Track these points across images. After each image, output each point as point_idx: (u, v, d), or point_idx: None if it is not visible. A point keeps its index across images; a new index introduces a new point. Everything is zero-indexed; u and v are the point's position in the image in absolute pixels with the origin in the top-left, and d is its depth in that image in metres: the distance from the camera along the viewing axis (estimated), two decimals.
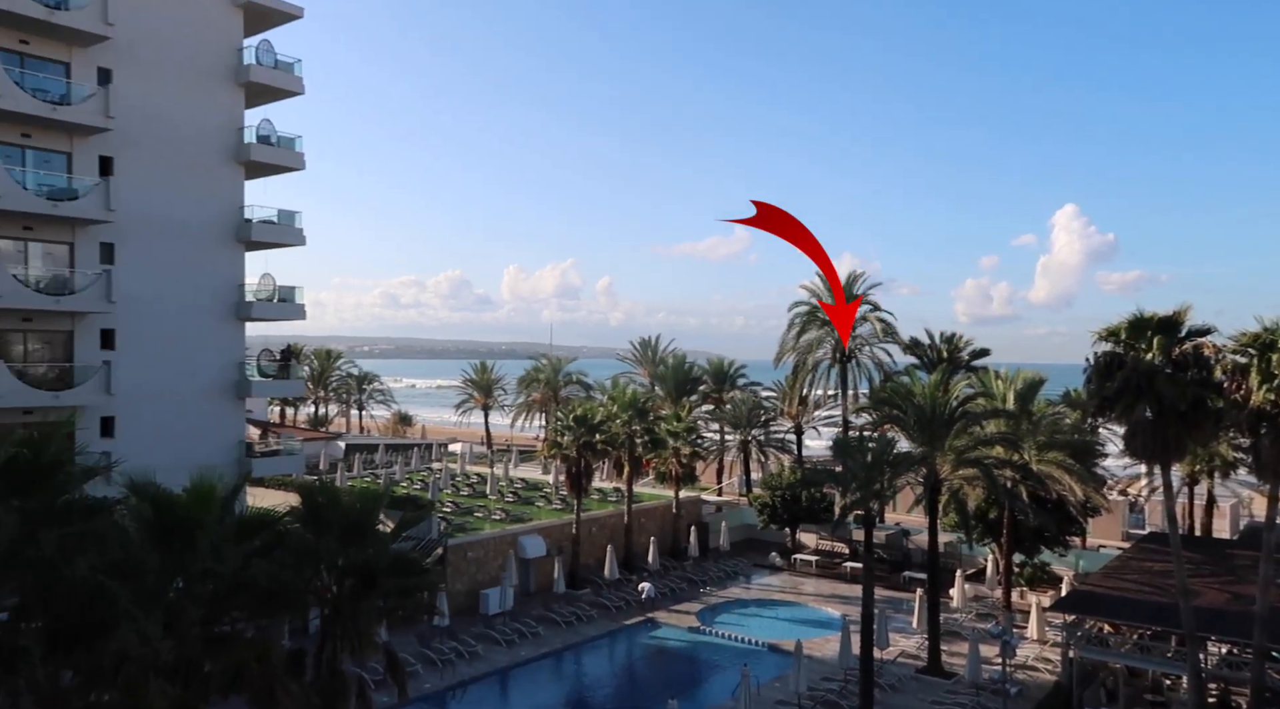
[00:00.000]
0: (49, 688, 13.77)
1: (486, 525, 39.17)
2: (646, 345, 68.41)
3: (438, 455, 63.30)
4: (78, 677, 14.31)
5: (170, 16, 31.62)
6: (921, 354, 52.36)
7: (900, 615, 35.37)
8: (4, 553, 12.67)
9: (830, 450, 43.43)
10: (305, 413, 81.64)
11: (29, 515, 13.27)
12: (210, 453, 31.70)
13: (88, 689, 14.22)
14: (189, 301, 32.19)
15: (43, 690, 13.68)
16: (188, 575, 15.28)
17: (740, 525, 50.09)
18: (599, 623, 34.79)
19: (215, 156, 33.04)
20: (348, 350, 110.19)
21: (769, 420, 58.36)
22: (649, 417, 44.54)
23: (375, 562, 17.69)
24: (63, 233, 28.96)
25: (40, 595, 13.44)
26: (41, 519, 13.54)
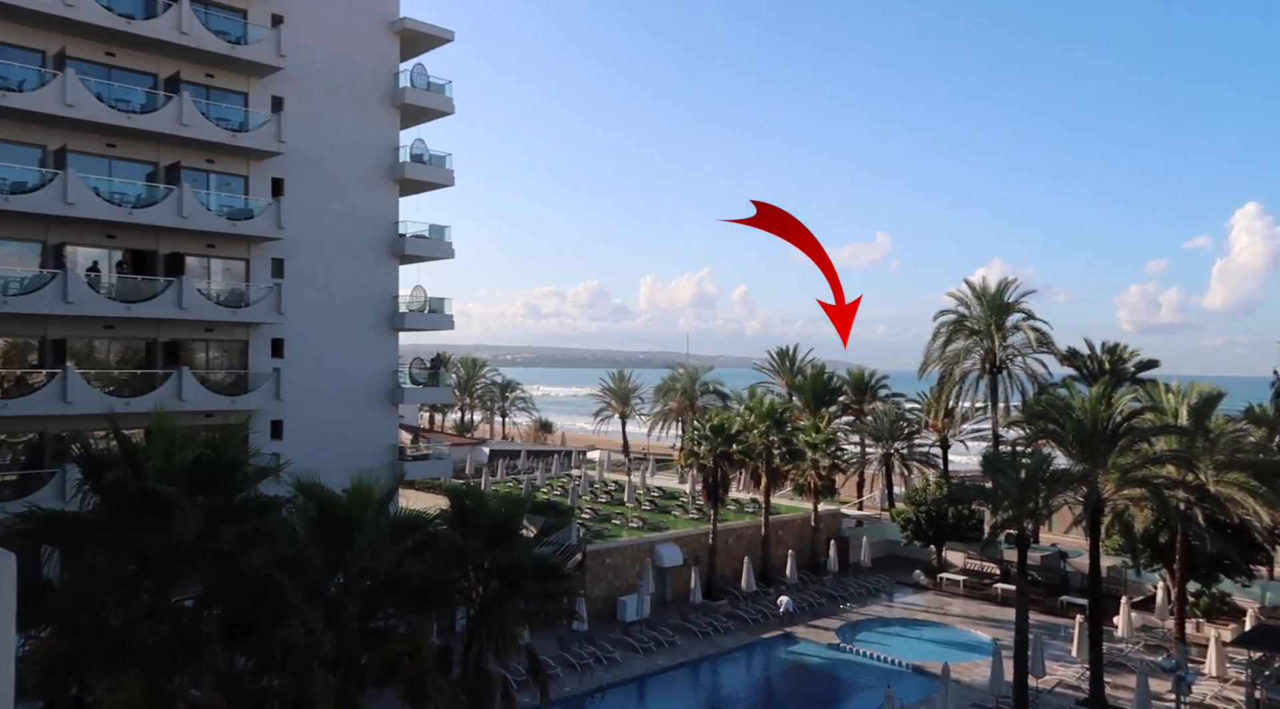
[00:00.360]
0: (226, 671, 14.82)
1: (624, 533, 39.51)
2: (784, 355, 67.44)
3: (576, 462, 64.50)
4: (251, 663, 15.35)
5: (334, 45, 33.76)
6: (1080, 365, 49.21)
7: (1058, 642, 33.22)
8: (191, 546, 13.76)
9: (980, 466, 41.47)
10: (452, 419, 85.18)
11: (211, 512, 14.35)
12: (366, 456, 33.43)
13: (259, 675, 15.22)
14: (349, 313, 34.15)
15: (220, 673, 14.74)
16: (347, 572, 16.14)
17: (882, 541, 48.48)
18: (736, 635, 34.42)
19: (373, 175, 34.99)
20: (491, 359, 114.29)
21: (912, 433, 56.30)
22: (787, 427, 43.83)
23: (519, 565, 18.16)
24: (240, 250, 31.36)
25: (220, 586, 14.53)
26: (221, 515, 14.63)
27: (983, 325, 49.61)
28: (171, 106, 28.75)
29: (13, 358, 27.80)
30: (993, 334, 49.03)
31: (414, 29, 35.56)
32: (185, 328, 30.00)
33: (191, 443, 15.42)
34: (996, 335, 49.01)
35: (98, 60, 28.45)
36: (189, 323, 29.76)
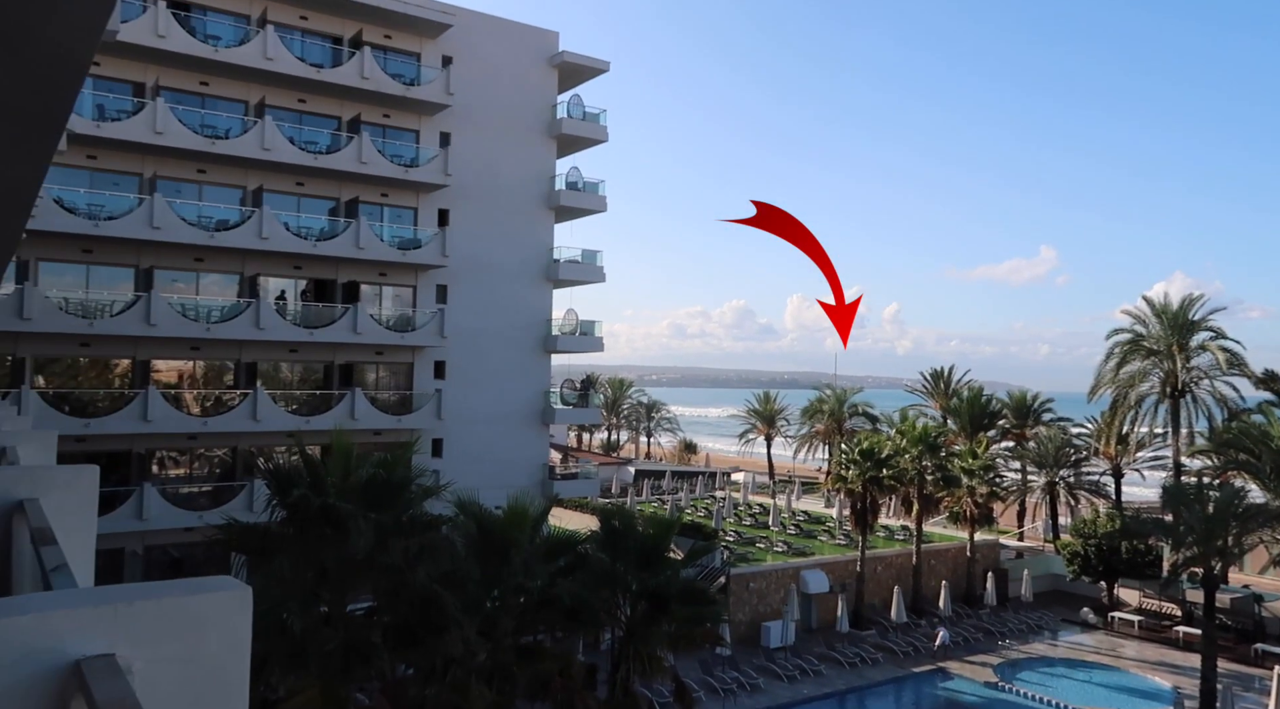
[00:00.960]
0: (391, 678, 15.82)
1: (768, 557, 39.08)
2: (938, 376, 64.99)
3: (721, 484, 64.34)
4: (413, 671, 16.31)
5: (498, 81, 35.59)
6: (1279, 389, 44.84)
7: (1250, 695, 30.22)
8: (364, 559, 14.82)
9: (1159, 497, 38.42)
10: (599, 438, 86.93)
11: (381, 527, 15.41)
12: (519, 474, 34.75)
13: (422, 683, 16.14)
14: (505, 336, 35.70)
15: (386, 679, 15.74)
16: (503, 588, 16.88)
17: (1045, 575, 45.67)
18: (885, 667, 33.30)
19: (531, 204, 36.54)
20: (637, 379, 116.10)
21: (1080, 460, 52.81)
22: (941, 452, 42.16)
23: (667, 588, 18.39)
24: (408, 277, 33.45)
25: (388, 598, 15.54)
26: (391, 531, 15.67)
27: (1163, 345, 46.19)
28: (352, 146, 31.14)
29: (211, 379, 30.74)
30: (1174, 354, 45.53)
31: (572, 62, 36.97)
32: (358, 351, 32.25)
33: (365, 462, 16.60)
34: (1179, 356, 45.48)
35: (290, 107, 31.27)
36: (362, 346, 31.98)
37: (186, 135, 28.14)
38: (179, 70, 28.99)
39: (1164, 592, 40.13)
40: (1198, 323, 45.92)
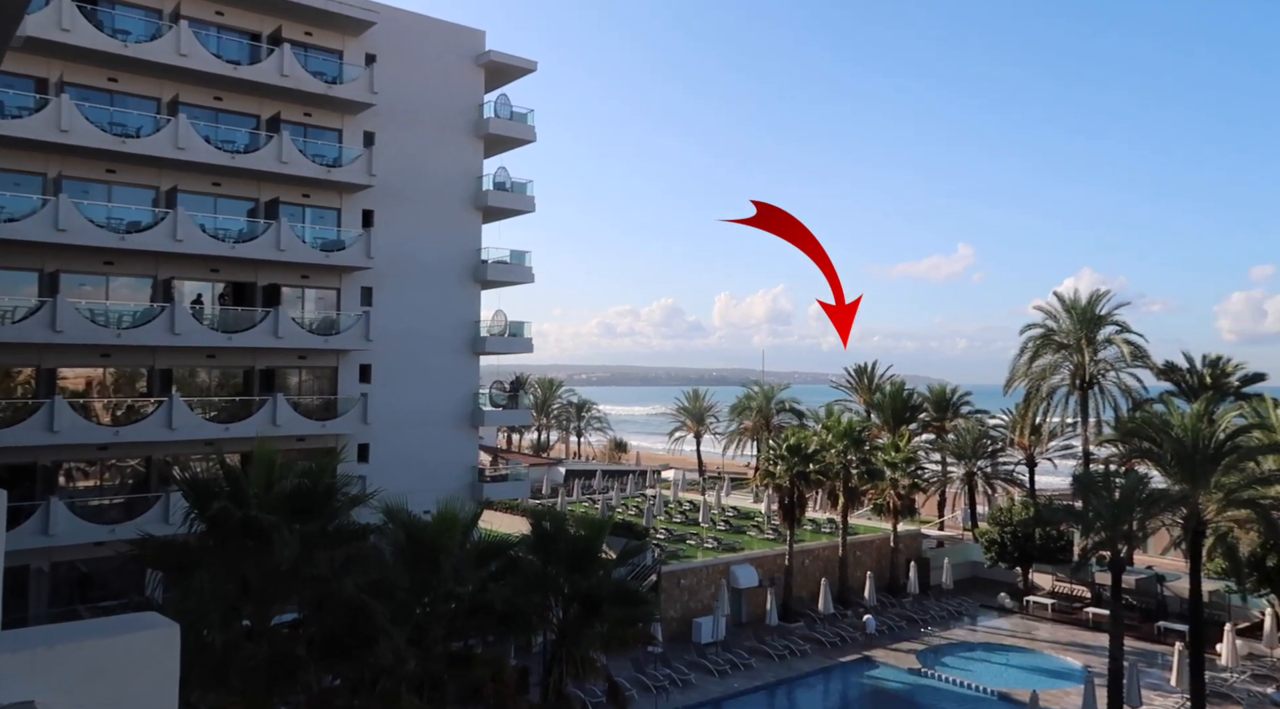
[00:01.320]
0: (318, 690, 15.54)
1: (699, 553, 39.55)
2: (862, 372, 66.53)
3: (651, 482, 64.73)
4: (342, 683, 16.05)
5: (423, 80, 35.10)
6: (1179, 380, 47.17)
7: (1154, 670, 31.89)
8: (289, 571, 14.53)
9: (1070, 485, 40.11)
10: (529, 439, 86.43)
11: (307, 538, 15.12)
12: (448, 478, 34.40)
13: (351, 695, 15.90)
14: (433, 338, 35.26)
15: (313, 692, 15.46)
16: (433, 596, 16.75)
17: (964, 562, 47.28)
18: (813, 658, 34.04)
19: (458, 204, 36.16)
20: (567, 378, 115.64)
21: (997, 451, 54.78)
22: (865, 446, 43.26)
23: (599, 590, 18.49)
24: (331, 280, 32.78)
25: (314, 610, 15.26)
26: (317, 541, 15.39)
27: (1072, 339, 48.16)
28: (272, 146, 30.35)
29: (123, 387, 29.61)
30: (1083, 348, 47.54)
31: (499, 61, 36.69)
32: (280, 356, 31.46)
33: (290, 471, 16.27)
34: (1087, 349, 47.50)
35: (206, 104, 30.31)
36: (284, 351, 31.21)
37: (94, 133, 27.03)
38: (86, 66, 27.82)
39: (1075, 575, 41.93)
40: (1104, 317, 48.03)
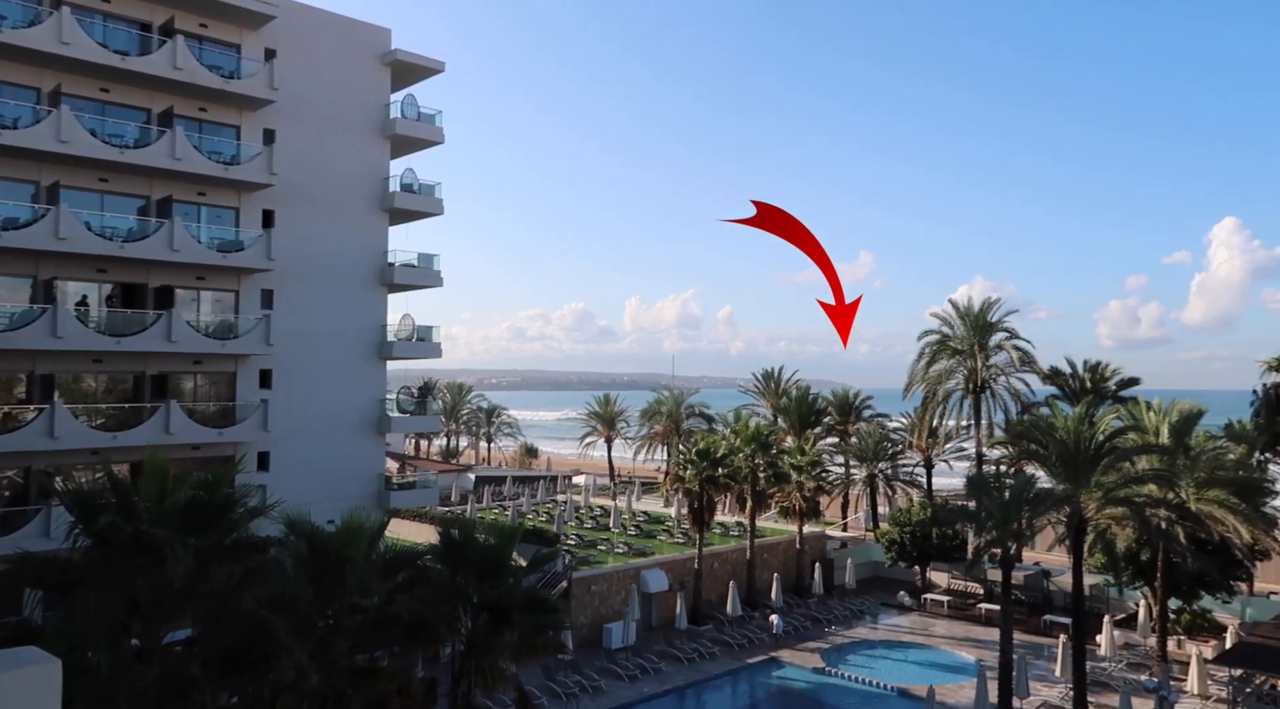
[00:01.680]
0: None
1: (610, 559, 39.64)
2: (769, 377, 67.93)
3: (562, 487, 64.55)
4: (240, 702, 15.47)
5: (326, 78, 34.14)
6: (1063, 384, 49.85)
7: (1041, 662, 33.56)
8: (183, 587, 13.92)
9: (964, 486, 41.86)
10: (437, 445, 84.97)
11: (202, 552, 14.53)
12: (353, 486, 33.54)
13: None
14: (337, 342, 34.32)
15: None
16: (337, 609, 16.30)
17: (866, 562, 48.79)
18: (721, 660, 34.54)
19: (363, 206, 35.30)
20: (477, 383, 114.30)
21: (896, 453, 56.77)
22: (772, 450, 44.18)
23: (508, 599, 18.34)
24: (229, 281, 31.54)
25: (211, 627, 14.66)
26: (213, 555, 14.80)
27: (966, 345, 50.26)
28: (164, 141, 29.02)
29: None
30: (976, 354, 49.67)
31: (405, 60, 36.01)
32: (174, 360, 30.10)
33: (184, 482, 15.58)
34: (979, 355, 49.66)
35: (92, 96, 28.72)
36: (177, 355, 29.87)
37: None
38: None
39: (969, 572, 43.81)
40: (995, 324, 50.33)
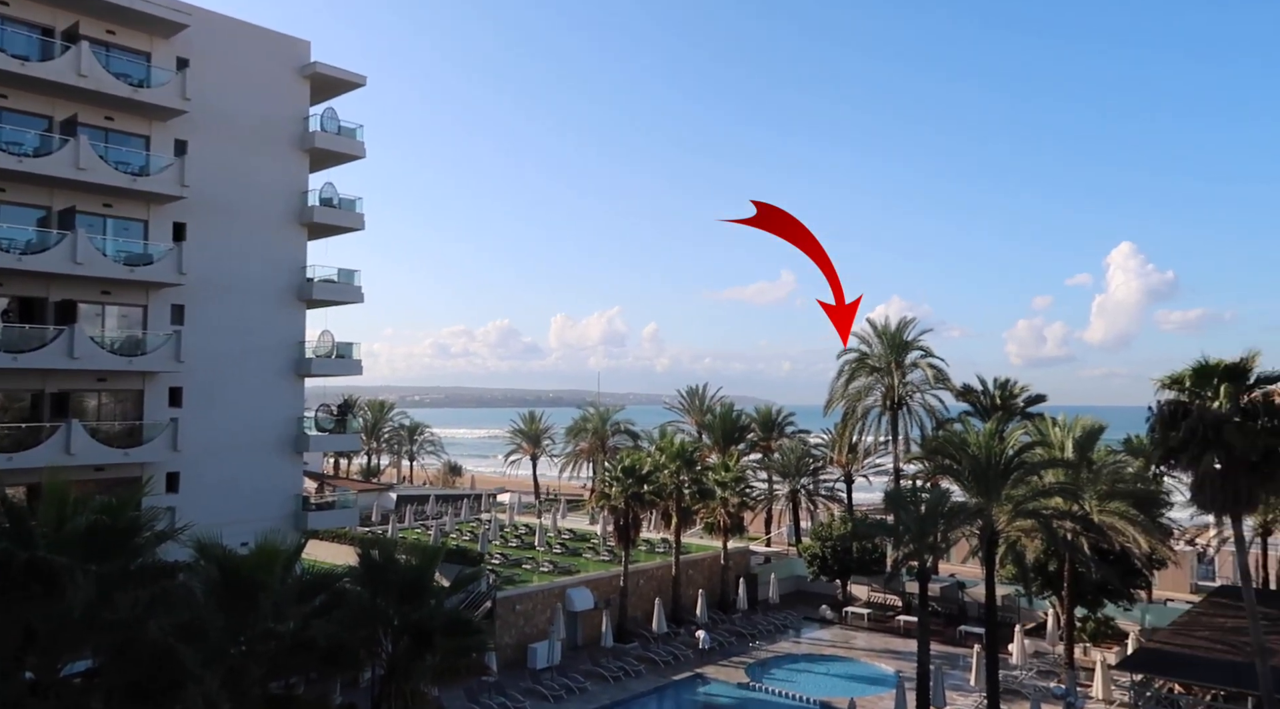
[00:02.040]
0: None
1: (534, 577, 39.27)
2: (694, 394, 68.52)
3: (486, 506, 63.76)
4: None
5: (242, 89, 33.29)
6: (974, 401, 51.53)
7: (957, 672, 34.49)
8: (83, 617, 13.24)
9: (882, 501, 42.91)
10: (358, 463, 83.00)
11: (105, 579, 13.84)
12: (269, 507, 32.53)
13: None
14: (253, 359, 33.31)
15: None
16: (250, 635, 15.73)
17: (790, 577, 49.44)
18: (647, 678, 34.49)
19: (281, 220, 34.44)
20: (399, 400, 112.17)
21: (818, 469, 57.77)
22: (697, 466, 44.49)
23: (430, 621, 17.99)
24: (137, 296, 30.34)
25: (114, 658, 13.97)
26: (116, 582, 14.12)
27: (883, 363, 51.61)
28: (67, 150, 27.84)
29: None
30: (893, 371, 51.05)
31: (325, 74, 35.38)
32: (76, 378, 28.77)
33: (85, 506, 14.87)
34: (896, 373, 51.06)
35: None
36: (80, 373, 28.57)
37: None
38: None
39: (888, 585, 44.77)
40: (911, 343, 51.86)
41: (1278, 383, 23.93)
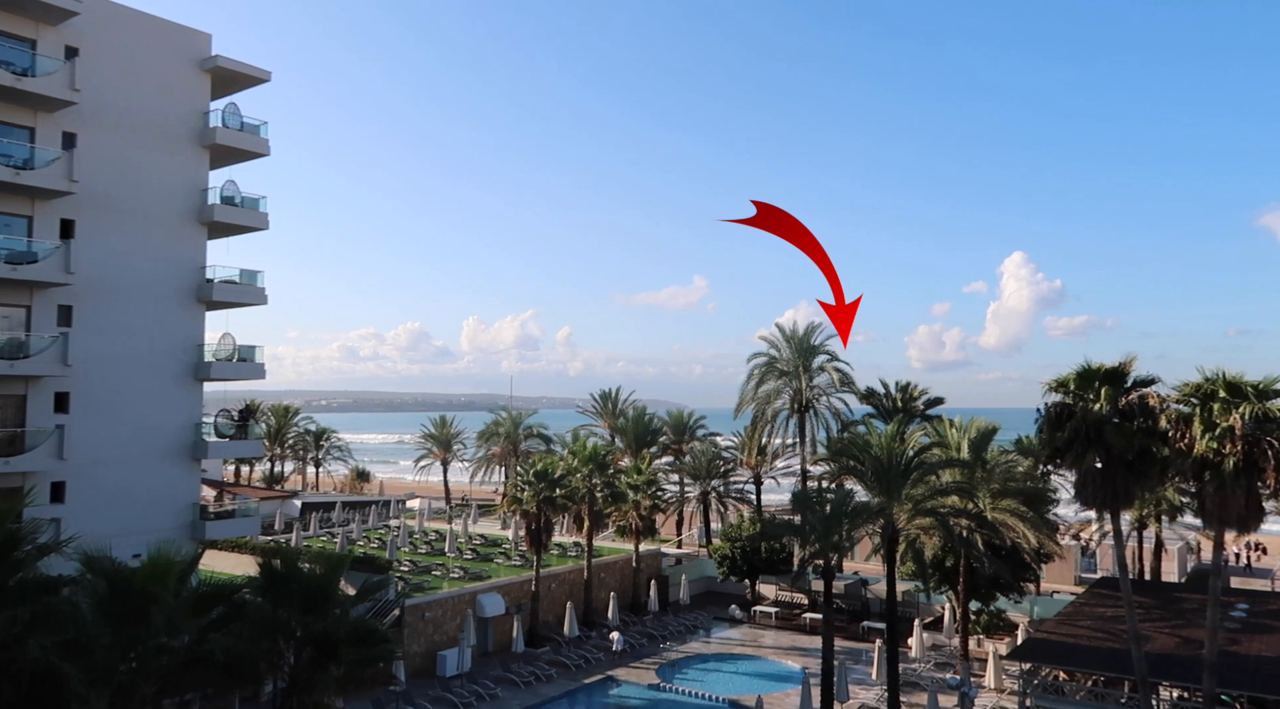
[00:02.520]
0: None
1: (445, 584, 38.76)
2: (607, 398, 68.72)
3: (396, 512, 62.58)
4: None
5: (137, 81, 31.89)
6: (878, 403, 53.30)
7: (860, 666, 35.59)
8: None
9: (790, 501, 43.96)
10: (260, 470, 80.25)
11: None
12: (164, 517, 31.27)
13: None
14: (146, 363, 31.92)
15: None
16: (141, 652, 15.12)
17: (700, 578, 50.11)
18: (558, 682, 34.48)
19: (178, 218, 33.11)
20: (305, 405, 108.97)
21: (728, 471, 58.74)
22: (609, 470, 44.67)
23: (335, 631, 17.60)
24: (20, 296, 28.73)
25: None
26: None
27: (791, 367, 52.96)
28: None
29: None
30: (800, 375, 52.45)
31: (227, 68, 34.19)
32: None
33: None
34: (804, 376, 52.47)
35: None
36: None
37: None
38: None
39: (794, 584, 45.90)
40: (818, 347, 53.37)
41: (1152, 385, 25.53)
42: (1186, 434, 24.03)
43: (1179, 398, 24.88)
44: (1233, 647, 27.92)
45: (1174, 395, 25.02)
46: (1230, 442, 22.93)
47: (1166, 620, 31.16)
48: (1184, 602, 33.34)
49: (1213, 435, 23.31)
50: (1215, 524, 24.47)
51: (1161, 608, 32.64)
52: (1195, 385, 24.42)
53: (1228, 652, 26.83)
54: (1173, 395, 25.05)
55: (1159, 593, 36.18)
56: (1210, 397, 23.90)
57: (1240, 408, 23.04)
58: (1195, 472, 24.06)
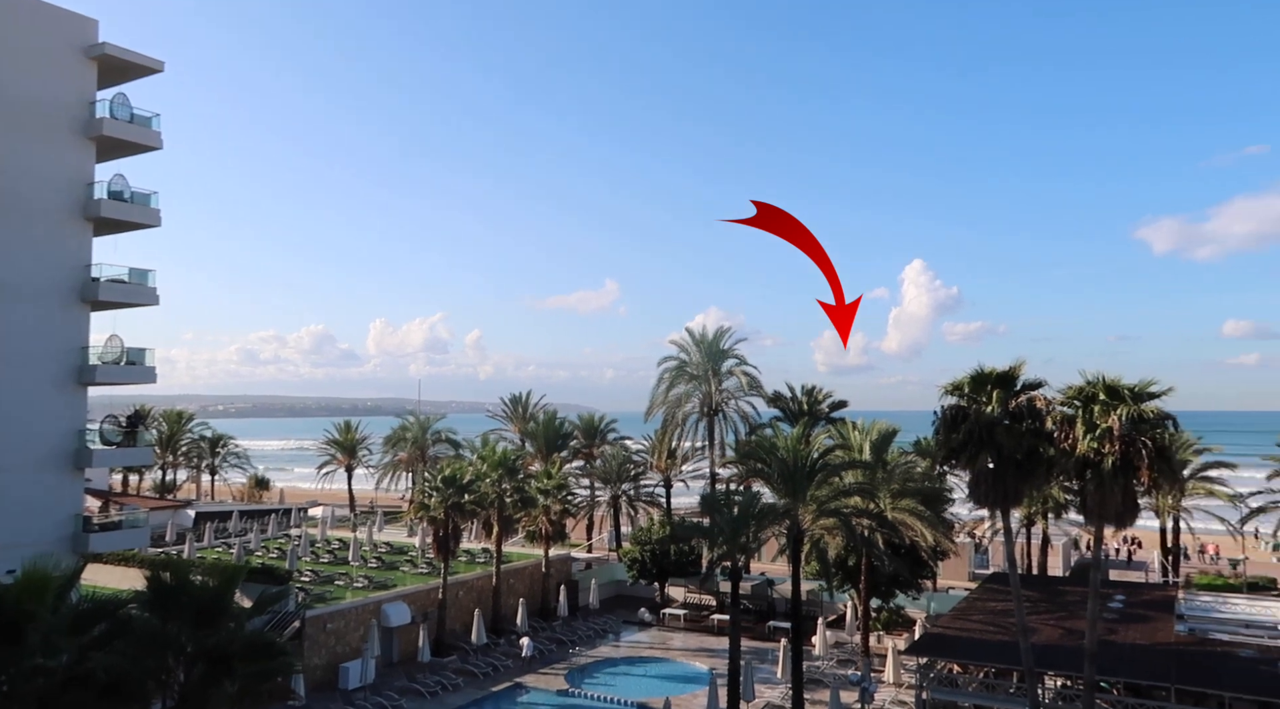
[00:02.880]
0: None
1: (348, 594, 37.73)
2: (517, 402, 68.18)
3: (297, 521, 60.63)
4: None
5: (12, 65, 30.01)
6: (784, 407, 54.42)
7: (766, 666, 36.22)
8: None
9: (699, 504, 44.47)
10: (151, 479, 76.45)
11: None
12: (42, 529, 29.48)
13: None
14: (23, 366, 30.00)
15: None
16: (14, 674, 14.23)
17: (610, 582, 50.17)
18: (465, 691, 33.98)
19: (60, 213, 31.24)
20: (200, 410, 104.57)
21: (639, 474, 59.00)
22: (519, 475, 44.34)
23: (228, 645, 16.95)
24: None
25: None
26: None
27: (701, 371, 53.56)
28: None
29: None
30: (710, 379, 53.09)
31: (116, 56, 32.44)
32: None
33: None
34: (714, 380, 53.12)
35: None
36: None
37: None
38: None
39: (703, 586, 46.42)
40: (727, 351, 54.15)
41: (1039, 388, 26.85)
42: (1070, 435, 25.34)
43: (1064, 400, 26.22)
44: (1111, 636, 29.59)
45: (1059, 398, 26.35)
46: (1109, 442, 24.28)
47: (1052, 613, 32.80)
48: (1068, 594, 35.17)
49: (1093, 436, 24.64)
50: (1095, 520, 25.84)
51: (1048, 601, 34.35)
52: (1078, 388, 25.79)
53: (1107, 641, 28.41)
54: (1058, 398, 26.38)
55: (1045, 586, 38.05)
56: (1091, 399, 25.28)
57: (1118, 409, 24.43)
58: (1078, 470, 25.37)
